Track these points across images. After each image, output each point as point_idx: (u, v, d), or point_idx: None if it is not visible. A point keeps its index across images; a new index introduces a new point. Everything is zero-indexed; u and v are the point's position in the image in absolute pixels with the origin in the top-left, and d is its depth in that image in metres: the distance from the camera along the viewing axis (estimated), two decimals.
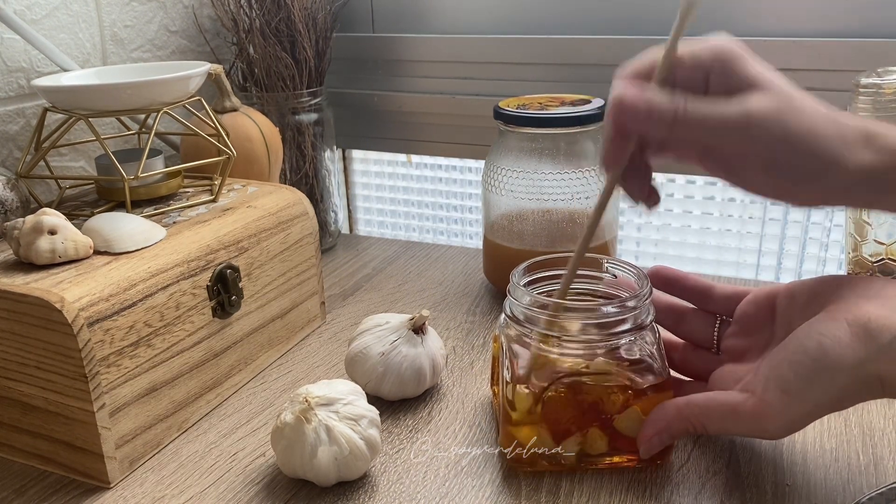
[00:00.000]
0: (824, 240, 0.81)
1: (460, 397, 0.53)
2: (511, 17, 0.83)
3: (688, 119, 0.38)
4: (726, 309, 0.49)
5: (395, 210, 1.04)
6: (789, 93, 0.38)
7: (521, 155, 0.64)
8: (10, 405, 0.47)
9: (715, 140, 0.39)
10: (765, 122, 0.37)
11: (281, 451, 0.44)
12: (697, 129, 0.39)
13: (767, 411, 0.39)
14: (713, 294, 0.49)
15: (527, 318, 0.44)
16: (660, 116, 0.38)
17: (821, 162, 0.38)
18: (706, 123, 0.38)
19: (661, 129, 0.39)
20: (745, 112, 0.38)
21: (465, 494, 0.44)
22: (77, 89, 0.54)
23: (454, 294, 0.70)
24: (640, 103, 0.39)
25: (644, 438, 0.43)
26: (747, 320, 0.47)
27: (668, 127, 0.39)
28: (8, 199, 0.53)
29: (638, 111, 0.39)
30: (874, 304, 0.38)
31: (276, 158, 0.71)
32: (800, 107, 0.38)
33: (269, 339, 0.59)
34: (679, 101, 0.38)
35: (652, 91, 0.39)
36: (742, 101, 0.38)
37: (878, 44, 0.67)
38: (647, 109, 0.39)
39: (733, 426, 0.41)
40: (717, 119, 0.38)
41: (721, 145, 0.39)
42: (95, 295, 0.43)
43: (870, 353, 0.37)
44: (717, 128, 0.38)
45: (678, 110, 0.38)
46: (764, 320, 0.46)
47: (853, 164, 0.38)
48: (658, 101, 0.39)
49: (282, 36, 0.75)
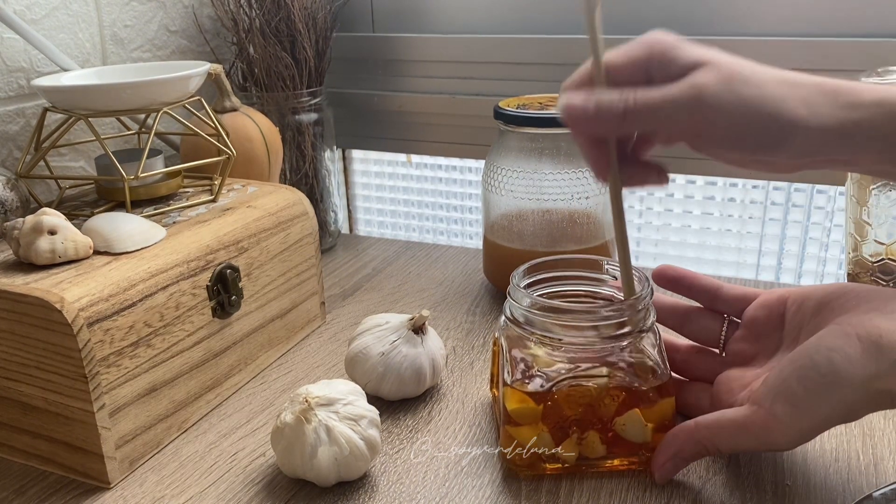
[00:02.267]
0: (824, 240, 0.81)
1: (460, 397, 0.53)
2: (511, 17, 0.83)
3: (638, 107, 0.38)
4: (734, 310, 0.48)
5: (395, 210, 1.04)
6: (734, 63, 0.38)
7: (521, 155, 0.64)
8: (10, 405, 0.47)
9: (671, 122, 0.39)
10: (714, 95, 0.37)
11: (281, 451, 0.44)
12: (651, 115, 0.38)
13: (776, 425, 0.38)
14: (721, 294, 0.49)
15: (527, 319, 0.44)
16: (610, 112, 0.38)
17: (783, 126, 0.37)
18: (658, 108, 0.38)
19: (614, 125, 0.39)
20: (693, 87, 0.37)
21: (465, 494, 0.44)
22: (77, 89, 0.54)
23: (454, 294, 0.70)
24: (588, 104, 0.39)
25: (657, 465, 0.43)
26: (756, 325, 0.46)
27: (621, 119, 0.38)
28: (8, 199, 0.53)
29: (587, 112, 0.39)
30: (886, 319, 0.37)
31: (276, 158, 0.71)
32: (748, 74, 0.38)
33: (269, 339, 0.59)
34: (627, 93, 0.38)
35: (597, 92, 0.39)
36: (688, 79, 0.38)
37: (878, 44, 0.67)
38: (595, 108, 0.38)
39: (744, 442, 0.40)
40: (667, 100, 0.38)
41: (680, 127, 0.39)
42: (95, 295, 0.43)
43: (880, 369, 0.36)
44: (669, 109, 0.38)
45: (627, 101, 0.38)
46: (773, 326, 0.45)
47: (815, 123, 0.37)
48: (605, 99, 0.39)
49: (282, 36, 0.75)
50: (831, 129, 0.37)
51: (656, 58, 0.39)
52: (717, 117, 0.37)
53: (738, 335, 0.48)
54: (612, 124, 0.39)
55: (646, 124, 0.39)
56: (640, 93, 0.38)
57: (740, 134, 0.38)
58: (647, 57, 0.39)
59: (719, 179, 0.82)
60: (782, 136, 0.37)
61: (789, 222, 0.82)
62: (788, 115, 0.37)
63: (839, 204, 0.79)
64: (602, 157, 0.41)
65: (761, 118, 0.37)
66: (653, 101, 0.38)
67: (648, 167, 0.43)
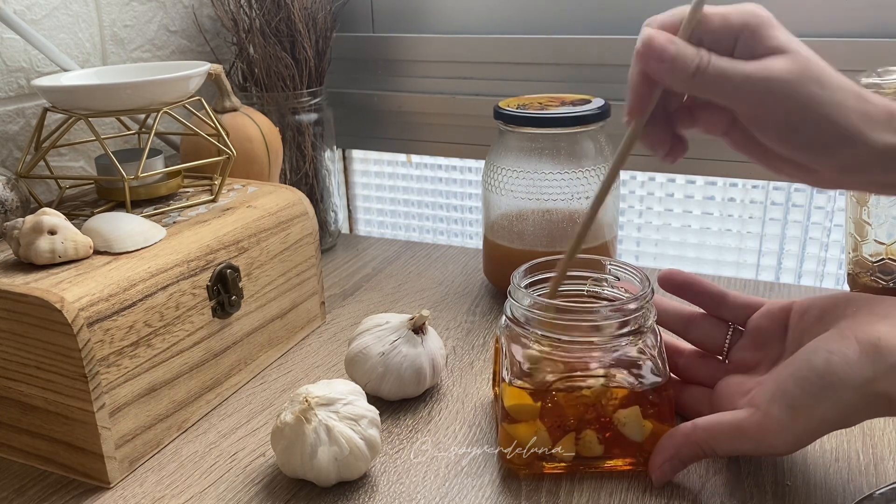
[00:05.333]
0: (824, 240, 0.81)
1: (460, 397, 0.53)
2: (511, 17, 0.83)
3: (709, 73, 0.38)
4: (739, 317, 0.48)
5: (395, 210, 1.04)
6: (815, 62, 0.38)
7: (521, 155, 0.64)
8: (10, 405, 0.47)
9: (734, 99, 0.39)
10: (786, 86, 0.37)
11: (281, 451, 0.44)
12: (718, 85, 0.38)
13: (773, 427, 0.39)
14: (727, 301, 0.49)
15: (527, 319, 0.44)
16: (683, 65, 0.38)
17: (839, 134, 0.38)
18: (727, 79, 0.38)
19: (682, 79, 0.39)
20: (767, 72, 0.38)
21: (465, 494, 0.44)
22: (77, 89, 0.54)
23: (454, 294, 0.70)
24: (668, 47, 0.38)
25: (655, 466, 0.43)
26: (759, 333, 0.46)
27: (689, 77, 0.38)
28: (8, 199, 0.53)
29: (664, 54, 0.38)
30: (886, 324, 0.38)
31: (276, 158, 0.71)
32: (825, 77, 0.38)
33: (269, 339, 0.59)
34: (703, 54, 0.38)
35: (680, 41, 0.39)
36: (765, 63, 0.38)
37: (878, 44, 0.67)
38: (672, 55, 0.38)
39: (741, 445, 0.40)
40: (738, 76, 0.38)
41: (740, 105, 0.39)
42: (95, 295, 0.43)
43: (878, 372, 0.36)
44: (738, 85, 0.38)
45: (701, 62, 0.38)
46: (776, 334, 0.45)
47: (874, 142, 0.38)
48: (684, 50, 0.39)
49: (282, 36, 0.75)
50: (883, 150, 0.38)
51: (748, 31, 0.39)
52: (778, 106, 0.38)
53: (741, 343, 0.48)
54: (678, 77, 0.39)
55: (709, 91, 0.39)
56: (715, 59, 0.38)
57: (795, 128, 0.38)
58: (740, 26, 0.39)
59: (719, 179, 0.82)
60: (835, 142, 0.38)
61: (789, 222, 0.82)
62: (846, 124, 0.38)
63: (839, 204, 0.79)
64: (645, 99, 0.41)
65: (820, 120, 0.38)
66: (724, 72, 0.38)
67: (674, 137, 0.43)
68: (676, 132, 0.43)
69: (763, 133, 0.40)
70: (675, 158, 0.44)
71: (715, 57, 0.38)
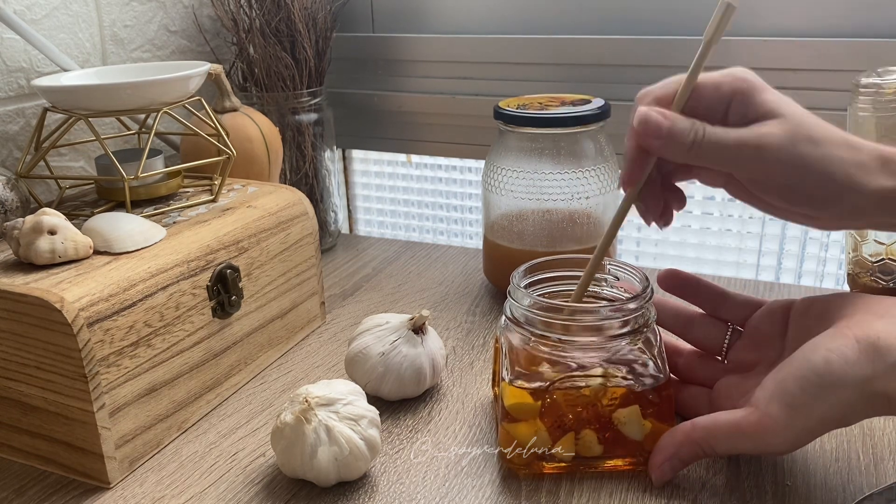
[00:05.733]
0: (824, 240, 0.81)
1: (460, 397, 0.53)
2: (511, 17, 0.83)
3: (705, 144, 0.40)
4: (738, 317, 0.48)
5: (395, 210, 1.04)
6: (804, 120, 0.40)
7: (521, 155, 0.64)
8: (10, 405, 0.47)
9: (731, 166, 0.41)
10: (780, 151, 0.39)
11: (281, 451, 0.44)
12: (714, 154, 0.40)
13: (772, 425, 0.39)
14: (727, 301, 0.49)
15: (527, 319, 0.44)
16: (680, 139, 0.40)
17: (837, 187, 0.39)
18: (724, 149, 0.40)
19: (679, 152, 0.41)
20: (760, 139, 0.39)
21: (465, 494, 0.44)
22: (77, 89, 0.54)
23: (454, 294, 0.70)
24: (664, 123, 0.40)
25: (654, 466, 0.43)
26: (759, 333, 0.47)
27: (686, 150, 0.40)
28: (8, 199, 0.53)
29: (660, 131, 0.40)
30: (884, 323, 0.38)
31: (276, 158, 0.71)
32: (815, 134, 0.40)
33: (269, 339, 0.59)
34: (698, 127, 0.40)
35: (674, 115, 0.41)
36: (758, 129, 0.40)
37: (878, 44, 0.67)
38: (668, 130, 0.40)
39: (740, 444, 0.40)
40: (732, 146, 0.40)
41: (737, 171, 0.41)
42: (95, 295, 0.43)
43: (877, 371, 0.36)
44: (733, 154, 0.40)
45: (696, 135, 0.40)
46: (776, 335, 0.46)
47: (869, 189, 0.39)
48: (679, 124, 0.40)
49: (282, 36, 0.75)
50: (881, 194, 0.39)
51: (738, 97, 0.41)
52: (774, 170, 0.40)
53: (740, 344, 0.48)
54: (676, 151, 0.41)
55: (707, 161, 0.41)
56: (710, 130, 0.40)
57: (793, 188, 0.40)
58: (731, 92, 0.41)
59: None
60: (834, 195, 0.40)
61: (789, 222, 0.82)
62: (842, 178, 0.39)
63: None
64: (640, 168, 0.43)
65: (817, 177, 0.39)
66: (719, 142, 0.40)
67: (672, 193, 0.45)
68: (674, 185, 0.45)
69: (763, 193, 0.42)
70: (667, 222, 0.46)
71: (709, 128, 0.40)
